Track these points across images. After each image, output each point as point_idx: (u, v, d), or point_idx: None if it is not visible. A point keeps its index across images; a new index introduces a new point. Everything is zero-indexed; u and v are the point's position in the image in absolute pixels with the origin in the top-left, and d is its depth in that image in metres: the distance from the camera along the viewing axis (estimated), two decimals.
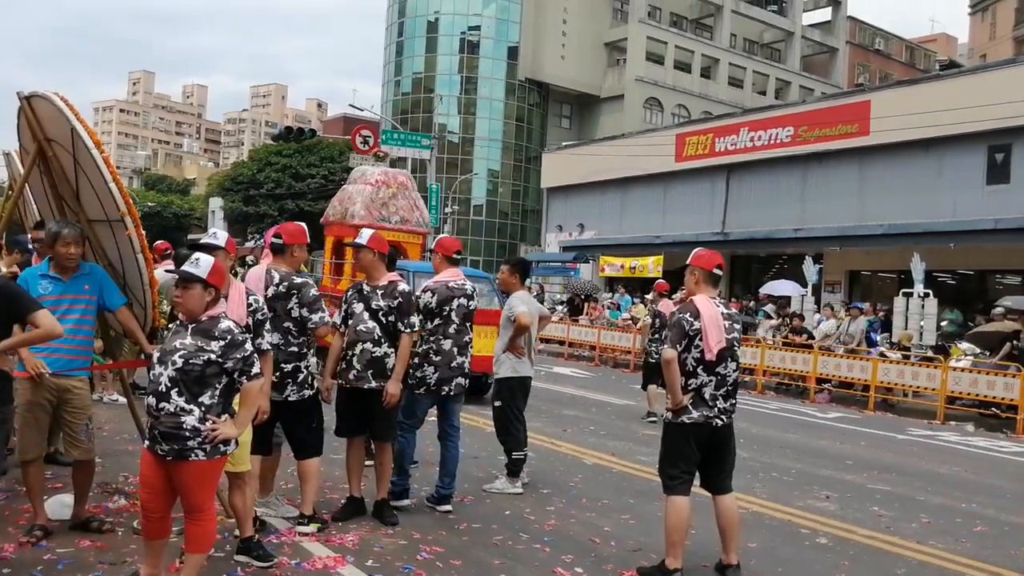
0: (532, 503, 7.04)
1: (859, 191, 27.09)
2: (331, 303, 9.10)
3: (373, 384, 5.99)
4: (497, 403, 7.46)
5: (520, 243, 51.23)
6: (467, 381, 6.64)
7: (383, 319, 6.05)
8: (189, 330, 4.25)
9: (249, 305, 5.10)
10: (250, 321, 5.05)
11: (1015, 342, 14.56)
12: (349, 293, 6.27)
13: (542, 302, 18.37)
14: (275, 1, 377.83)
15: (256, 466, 5.65)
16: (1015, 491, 9.02)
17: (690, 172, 33.17)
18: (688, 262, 5.45)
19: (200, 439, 4.13)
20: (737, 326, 5.38)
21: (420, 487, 6.92)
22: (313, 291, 5.67)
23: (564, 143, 44.90)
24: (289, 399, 5.60)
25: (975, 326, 17.97)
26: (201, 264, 4.26)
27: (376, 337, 6.01)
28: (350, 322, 6.12)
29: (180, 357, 4.15)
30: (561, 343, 24.06)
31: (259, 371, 4.36)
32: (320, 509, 6.00)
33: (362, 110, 42.53)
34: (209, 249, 5.00)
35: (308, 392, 5.70)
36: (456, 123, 53.57)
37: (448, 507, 6.56)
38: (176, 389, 4.13)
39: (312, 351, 5.81)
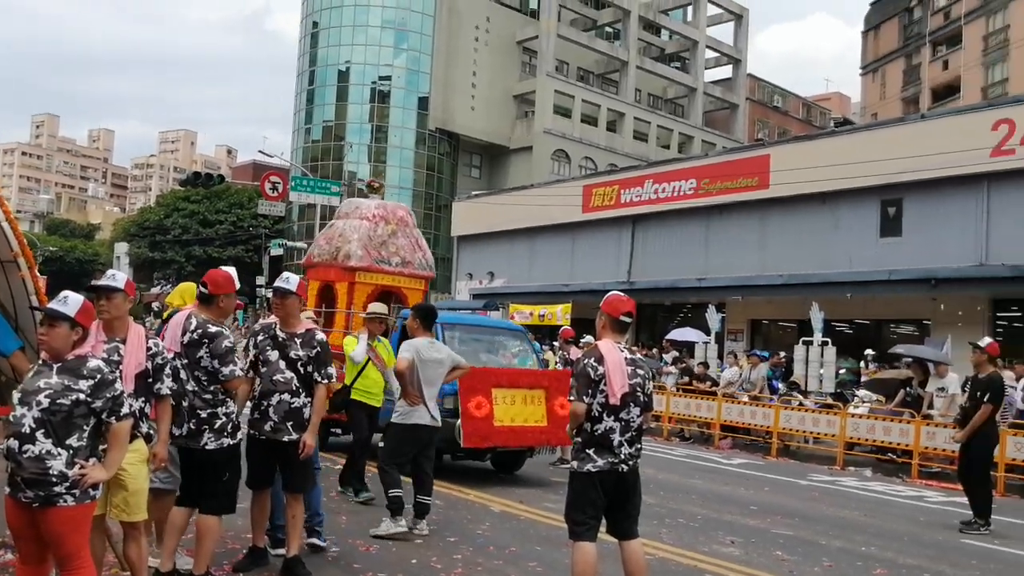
0: (438, 552, 6.93)
1: (760, 242, 27.79)
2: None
3: (293, 436, 5.78)
4: (381, 443, 7.70)
5: (430, 291, 51.06)
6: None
7: (301, 369, 5.85)
8: (54, 369, 4.06)
9: (148, 349, 4.91)
10: (149, 365, 4.90)
11: (909, 388, 15.05)
12: (260, 338, 5.94)
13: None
14: (186, 50, 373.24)
15: (178, 517, 5.47)
16: (912, 534, 9.26)
17: (597, 222, 33.65)
18: (599, 305, 5.50)
19: (67, 484, 3.96)
20: (641, 371, 5.39)
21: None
22: (226, 343, 5.42)
23: (474, 192, 45.13)
24: (206, 447, 5.32)
25: (869, 374, 18.54)
26: (69, 302, 4.12)
27: (294, 388, 5.81)
28: (264, 370, 5.85)
29: (46, 397, 3.96)
30: None
31: (128, 412, 4.21)
32: (218, 561, 5.78)
33: (271, 156, 42.21)
34: (108, 291, 4.85)
35: (228, 441, 5.41)
36: (366, 171, 53.26)
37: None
38: (43, 431, 3.94)
39: (231, 398, 5.53)
